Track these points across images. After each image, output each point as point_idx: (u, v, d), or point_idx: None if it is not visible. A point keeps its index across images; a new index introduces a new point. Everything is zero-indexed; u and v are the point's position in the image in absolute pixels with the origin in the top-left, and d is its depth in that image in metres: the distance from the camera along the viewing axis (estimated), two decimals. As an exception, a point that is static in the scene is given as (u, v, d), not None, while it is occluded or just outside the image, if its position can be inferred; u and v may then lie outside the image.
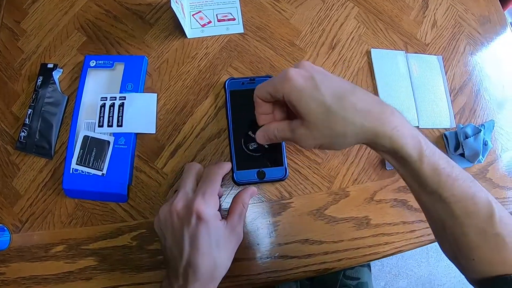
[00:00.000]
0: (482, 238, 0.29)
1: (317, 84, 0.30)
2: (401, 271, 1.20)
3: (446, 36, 0.54)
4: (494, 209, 0.29)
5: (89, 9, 0.50)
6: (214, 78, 0.47)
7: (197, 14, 0.49)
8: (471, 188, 0.30)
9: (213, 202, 0.33)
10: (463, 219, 0.29)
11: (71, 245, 0.42)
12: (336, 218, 0.44)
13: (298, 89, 0.30)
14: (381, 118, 0.29)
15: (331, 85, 0.30)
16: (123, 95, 0.45)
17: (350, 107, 0.29)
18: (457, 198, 0.29)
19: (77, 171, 0.43)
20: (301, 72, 0.31)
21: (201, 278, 0.32)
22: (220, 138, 0.45)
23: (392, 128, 0.29)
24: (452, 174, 0.29)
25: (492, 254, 0.29)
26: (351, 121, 0.29)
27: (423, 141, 0.30)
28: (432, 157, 0.29)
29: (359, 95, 0.30)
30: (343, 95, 0.30)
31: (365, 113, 0.29)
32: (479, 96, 0.52)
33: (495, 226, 0.29)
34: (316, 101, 0.29)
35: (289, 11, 0.51)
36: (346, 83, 0.32)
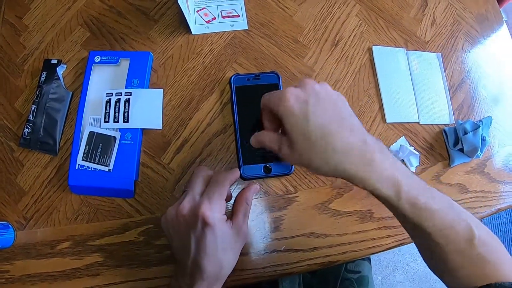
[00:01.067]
0: (466, 259, 0.31)
1: (308, 112, 0.31)
2: (398, 265, 1.22)
3: (445, 33, 0.55)
4: (474, 232, 0.31)
5: (92, 5, 0.50)
6: (219, 74, 0.47)
7: (201, 10, 0.50)
8: (451, 218, 0.31)
9: (219, 206, 0.33)
10: (445, 246, 0.31)
11: (77, 241, 0.42)
12: (340, 211, 0.45)
13: (290, 112, 0.31)
14: (358, 161, 0.30)
15: (321, 117, 0.31)
16: (129, 91, 0.45)
17: (329, 147, 0.30)
18: (437, 228, 0.31)
19: (83, 167, 0.43)
20: (299, 93, 0.32)
21: (207, 278, 0.33)
22: (226, 134, 0.45)
23: (368, 172, 0.30)
24: (432, 207, 0.31)
25: (475, 270, 0.31)
26: (327, 161, 0.31)
27: (402, 178, 0.31)
28: (409, 193, 0.30)
29: (343, 134, 0.31)
30: (328, 132, 0.31)
31: (344, 154, 0.30)
32: (477, 92, 0.54)
33: (476, 248, 0.31)
34: (303, 131, 0.31)
35: (292, 8, 0.52)
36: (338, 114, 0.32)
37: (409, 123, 0.50)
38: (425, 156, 0.49)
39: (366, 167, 0.30)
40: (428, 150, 0.49)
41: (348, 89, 0.49)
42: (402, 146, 0.47)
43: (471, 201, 0.49)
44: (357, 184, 0.31)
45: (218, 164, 0.44)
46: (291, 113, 0.31)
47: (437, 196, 0.32)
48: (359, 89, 0.50)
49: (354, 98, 0.49)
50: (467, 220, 0.32)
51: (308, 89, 0.32)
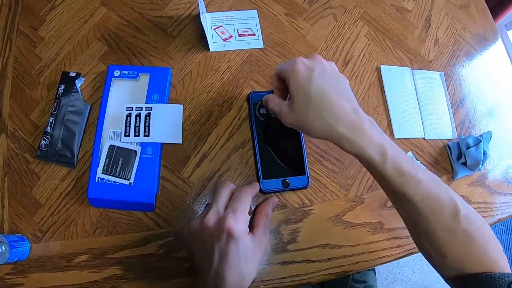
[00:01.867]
0: (450, 235, 0.33)
1: (312, 77, 0.35)
2: (397, 277, 1.24)
3: (447, 53, 0.59)
4: (459, 207, 0.32)
5: (109, 19, 0.51)
6: (237, 90, 0.49)
7: (218, 28, 0.51)
8: (436, 189, 0.33)
9: (243, 219, 0.35)
10: (429, 216, 0.33)
11: (96, 254, 0.42)
12: (353, 223, 0.47)
13: (296, 74, 0.35)
14: (348, 126, 0.34)
15: (323, 83, 0.35)
16: (149, 106, 0.46)
17: (325, 108, 0.34)
18: (421, 197, 0.33)
19: (103, 180, 0.43)
20: (307, 62, 0.36)
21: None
22: (244, 149, 0.47)
23: (357, 135, 0.34)
24: (416, 176, 0.33)
25: (461, 249, 0.32)
26: (322, 118, 0.34)
27: (388, 146, 0.34)
28: (395, 160, 0.33)
29: (341, 100, 0.35)
30: (327, 95, 0.35)
31: (337, 116, 0.34)
32: (477, 109, 0.57)
33: (461, 223, 0.32)
34: (304, 91, 0.35)
35: (305, 28, 0.54)
36: (338, 87, 0.36)
37: (416, 138, 0.52)
38: (430, 170, 0.51)
39: (355, 131, 0.34)
40: (433, 164, 0.52)
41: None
42: (410, 160, 0.50)
43: (472, 212, 0.52)
44: (345, 147, 0.35)
45: (237, 178, 0.46)
46: (297, 76, 0.35)
47: (422, 169, 0.34)
48: (369, 106, 0.52)
49: (366, 115, 0.51)
50: (453, 196, 0.34)
51: (316, 61, 0.36)
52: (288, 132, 0.46)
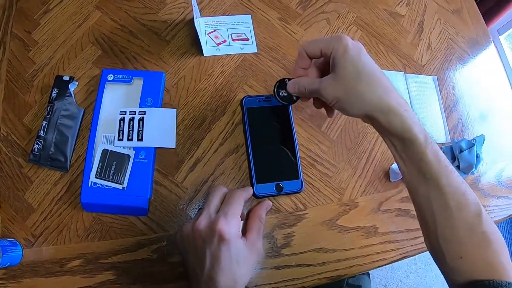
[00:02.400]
0: (470, 234, 0.32)
1: (361, 53, 0.35)
2: (391, 281, 1.24)
3: (440, 57, 0.59)
4: (481, 208, 0.32)
5: (103, 23, 0.51)
6: (230, 95, 0.49)
7: (212, 33, 0.51)
8: (464, 185, 0.33)
9: (235, 222, 0.35)
10: (454, 211, 0.32)
11: (89, 259, 0.42)
12: (347, 227, 0.47)
13: (346, 47, 0.35)
14: (397, 100, 0.34)
15: (370, 62, 0.36)
16: (143, 110, 0.46)
17: (376, 81, 0.34)
18: (452, 189, 0.32)
19: (96, 185, 0.43)
20: (353, 41, 0.36)
21: None
22: (238, 153, 0.47)
23: (404, 110, 0.34)
24: (449, 166, 0.33)
25: (478, 252, 0.32)
26: (372, 89, 0.34)
27: (427, 131, 0.34)
28: (434, 145, 0.33)
29: (385, 78, 0.35)
30: (374, 71, 0.35)
31: (386, 90, 0.34)
32: (470, 113, 0.57)
33: (482, 224, 0.32)
34: (354, 63, 0.34)
35: (299, 33, 0.54)
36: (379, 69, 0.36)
37: (409, 142, 0.53)
38: (423, 174, 0.52)
39: (403, 108, 0.34)
40: (426, 167, 0.52)
41: (352, 110, 0.52)
42: (403, 164, 0.50)
43: (465, 215, 0.52)
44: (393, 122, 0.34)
45: (230, 182, 0.46)
46: (347, 48, 0.34)
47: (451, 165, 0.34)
48: (363, 110, 0.52)
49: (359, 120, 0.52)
50: (476, 197, 0.33)
51: (360, 44, 0.37)
52: (282, 137, 0.46)
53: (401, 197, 0.50)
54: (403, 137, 0.34)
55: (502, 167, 0.56)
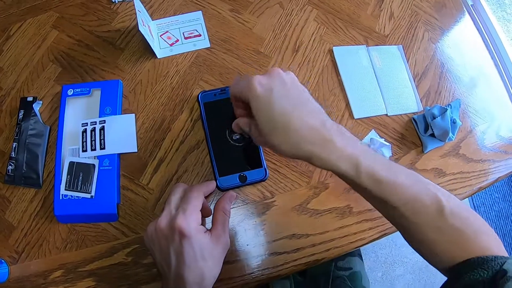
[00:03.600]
0: (438, 233, 0.32)
1: (272, 99, 0.33)
2: (396, 259, 1.22)
3: (404, 25, 0.57)
4: (442, 203, 0.32)
5: (61, 41, 0.52)
6: (187, 93, 0.49)
7: (164, 34, 0.52)
8: (417, 191, 0.32)
9: (194, 217, 0.35)
10: (414, 219, 0.32)
11: (69, 269, 0.43)
12: (318, 210, 0.46)
13: (256, 98, 0.33)
14: (317, 142, 0.32)
15: (285, 103, 0.33)
16: (102, 119, 0.47)
17: (291, 128, 0.32)
18: (403, 201, 0.32)
19: (67, 197, 0.45)
20: (264, 81, 0.34)
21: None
22: (199, 149, 0.47)
23: (326, 151, 0.32)
24: (396, 181, 0.32)
25: (451, 246, 0.32)
26: (288, 139, 0.33)
27: (361, 155, 0.32)
28: (370, 169, 0.32)
29: (306, 116, 0.33)
30: (290, 115, 0.33)
31: (304, 135, 0.32)
32: (443, 78, 0.55)
33: (447, 218, 0.31)
34: (267, 115, 0.33)
35: (251, 21, 0.54)
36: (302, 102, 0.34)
37: (377, 116, 0.51)
38: (397, 146, 0.50)
39: (324, 147, 0.32)
40: (399, 139, 0.51)
41: (314, 91, 0.51)
42: (372, 139, 0.48)
43: (450, 183, 0.50)
44: (316, 163, 0.33)
45: (195, 179, 0.46)
46: (257, 99, 0.33)
47: (401, 172, 0.33)
48: (324, 89, 0.51)
49: (320, 99, 0.51)
50: (435, 192, 0.32)
51: (274, 77, 0.34)
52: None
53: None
54: (334, 173, 0.33)
55: (483, 129, 0.53)
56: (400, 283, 1.19)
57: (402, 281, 1.19)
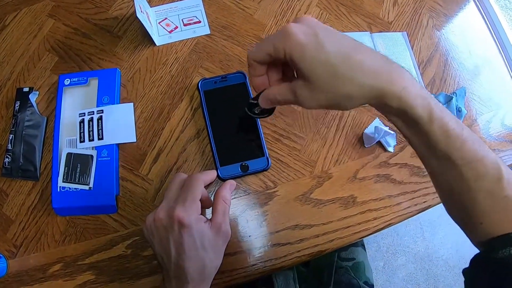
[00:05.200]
0: (491, 202, 0.29)
1: (321, 41, 0.27)
2: (398, 249, 1.21)
3: (408, 12, 0.55)
4: (502, 171, 0.29)
5: (57, 30, 0.51)
6: (186, 81, 0.48)
7: (163, 21, 0.50)
8: (480, 151, 0.29)
9: (194, 207, 0.34)
10: (472, 182, 0.29)
11: (68, 262, 0.42)
12: (322, 200, 0.45)
13: (300, 46, 0.27)
14: (390, 78, 0.28)
15: (336, 43, 0.28)
16: (100, 109, 0.45)
17: (357, 67, 0.27)
18: (466, 160, 0.28)
19: (65, 189, 0.44)
20: (303, 28, 0.28)
21: (192, 280, 0.33)
22: (199, 138, 0.46)
23: (401, 88, 0.28)
24: (462, 136, 0.28)
25: (500, 216, 0.29)
26: (358, 82, 0.27)
27: (432, 102, 0.28)
28: (442, 119, 0.28)
29: (366, 53, 0.28)
30: (349, 53, 0.28)
31: (373, 72, 0.28)
32: (448, 65, 0.54)
33: (504, 188, 0.28)
34: (321, 60, 0.27)
35: (252, 7, 0.52)
36: (352, 40, 0.29)
37: (382, 104, 0.50)
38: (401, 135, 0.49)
39: (400, 84, 0.28)
40: (404, 128, 0.49)
41: (317, 78, 0.50)
42: (377, 127, 0.47)
43: (455, 173, 0.49)
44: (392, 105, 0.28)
45: (195, 169, 0.45)
46: (304, 46, 0.27)
47: (466, 128, 0.30)
48: (328, 77, 0.50)
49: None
50: (496, 159, 0.29)
51: (312, 24, 0.29)
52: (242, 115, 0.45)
53: (379, 162, 0.47)
54: (405, 117, 0.29)
55: (489, 118, 0.52)
56: (402, 272, 1.19)
57: (403, 271, 1.19)
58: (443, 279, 1.19)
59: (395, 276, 1.18)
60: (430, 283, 1.18)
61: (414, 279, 1.18)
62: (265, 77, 0.33)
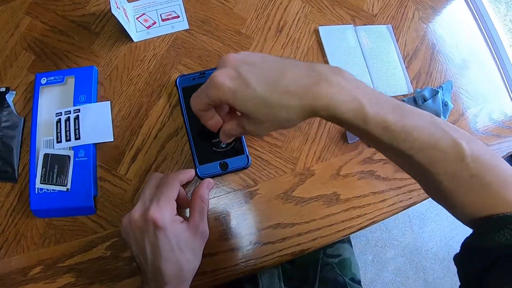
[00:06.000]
0: (457, 184, 0.28)
1: (245, 80, 0.29)
2: (387, 242, 1.22)
3: (393, 4, 0.54)
4: (465, 150, 0.27)
5: (34, 27, 0.50)
6: (164, 77, 0.47)
7: (141, 17, 0.49)
8: (433, 135, 0.28)
9: (168, 207, 0.33)
10: (431, 167, 0.28)
11: (48, 264, 0.42)
12: (304, 198, 0.44)
13: (230, 92, 0.30)
14: (315, 92, 0.28)
15: (260, 75, 0.30)
16: (77, 108, 0.44)
17: (284, 92, 0.29)
18: (417, 149, 0.28)
19: (42, 190, 0.43)
20: (228, 72, 0.30)
21: (170, 281, 0.32)
22: (178, 136, 0.45)
23: (327, 99, 0.28)
24: (407, 126, 0.28)
25: (471, 197, 0.28)
26: (289, 106, 0.29)
27: (365, 101, 0.28)
28: (377, 116, 0.28)
29: (289, 74, 0.29)
30: (274, 81, 0.29)
31: (299, 93, 0.29)
32: (434, 59, 0.53)
33: (469, 168, 0.27)
34: (251, 97, 0.30)
35: (232, 1, 0.51)
36: (277, 64, 0.31)
37: (366, 99, 0.49)
38: (387, 130, 0.48)
39: (325, 96, 0.28)
40: (389, 123, 0.49)
41: (299, 73, 0.49)
42: (361, 123, 0.46)
43: (442, 168, 0.48)
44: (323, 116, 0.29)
45: (174, 167, 0.44)
46: (233, 92, 0.30)
47: (413, 113, 0.29)
48: (310, 72, 0.49)
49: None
50: (453, 135, 0.28)
51: (233, 63, 0.31)
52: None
53: (362, 158, 0.46)
54: (340, 122, 0.30)
55: (476, 112, 0.51)
56: (391, 266, 1.19)
57: (393, 264, 1.19)
58: (432, 272, 1.19)
59: (385, 270, 1.18)
60: (419, 276, 1.19)
61: (404, 272, 1.19)
62: (217, 116, 0.36)
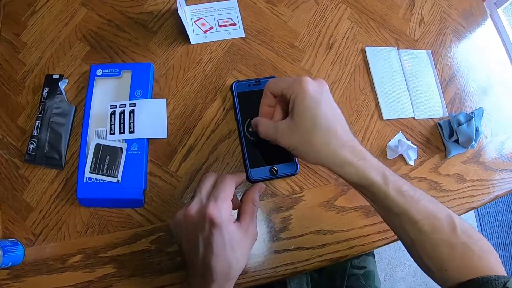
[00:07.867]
0: (451, 249, 0.33)
1: (322, 100, 0.35)
2: (399, 261, 1.23)
3: (433, 31, 0.58)
4: (455, 222, 0.34)
5: (90, 19, 0.51)
6: (220, 81, 0.49)
7: (198, 20, 0.51)
8: (434, 207, 0.35)
9: (225, 206, 0.34)
10: (430, 234, 0.34)
11: (89, 254, 0.42)
12: (345, 207, 0.46)
13: (306, 93, 0.34)
14: (352, 150, 0.35)
15: (330, 108, 0.35)
16: (133, 102, 0.45)
17: (331, 133, 0.34)
18: (422, 216, 0.34)
19: (91, 180, 0.43)
20: (315, 84, 0.35)
21: (218, 279, 0.33)
22: (230, 139, 0.46)
23: (359, 159, 0.34)
24: (415, 196, 0.34)
25: (461, 262, 0.33)
26: (327, 142, 0.34)
27: (386, 169, 0.35)
28: (395, 182, 0.34)
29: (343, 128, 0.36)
30: (333, 122, 0.35)
31: (342, 141, 0.35)
32: (467, 85, 0.56)
33: (459, 237, 0.33)
34: (311, 112, 0.34)
35: (286, 14, 0.53)
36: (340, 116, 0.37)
37: (405, 118, 0.52)
38: (422, 150, 0.51)
39: (358, 157, 0.35)
40: (425, 143, 0.51)
41: (345, 89, 0.51)
42: (400, 140, 0.49)
43: (469, 189, 0.51)
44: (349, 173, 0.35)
45: (224, 169, 0.45)
46: (307, 96, 0.34)
47: (418, 190, 0.36)
48: (356, 89, 0.52)
49: (351, 97, 0.51)
50: (448, 211, 0.35)
51: (323, 85, 0.36)
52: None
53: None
54: (362, 184, 0.35)
55: (503, 139, 0.54)
56: (401, 285, 1.20)
57: (403, 284, 1.20)
58: (441, 294, 1.21)
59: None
60: (429, 298, 1.20)
61: (414, 292, 1.20)
62: (271, 109, 0.39)
